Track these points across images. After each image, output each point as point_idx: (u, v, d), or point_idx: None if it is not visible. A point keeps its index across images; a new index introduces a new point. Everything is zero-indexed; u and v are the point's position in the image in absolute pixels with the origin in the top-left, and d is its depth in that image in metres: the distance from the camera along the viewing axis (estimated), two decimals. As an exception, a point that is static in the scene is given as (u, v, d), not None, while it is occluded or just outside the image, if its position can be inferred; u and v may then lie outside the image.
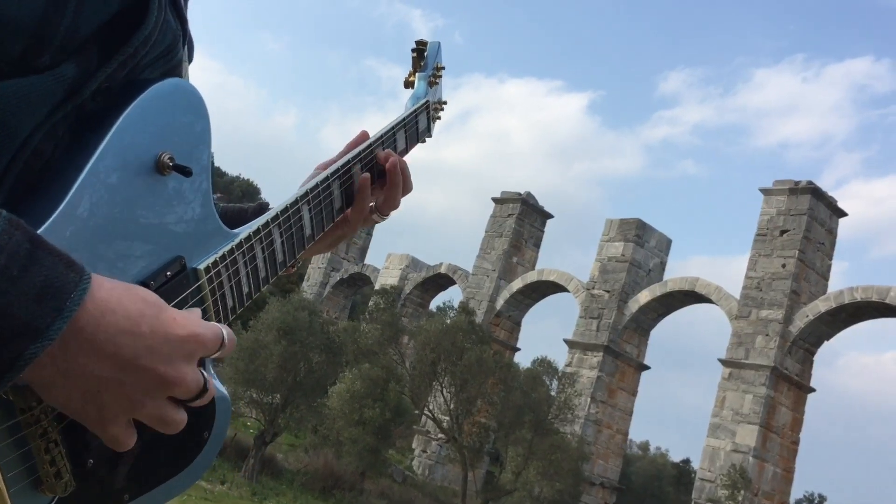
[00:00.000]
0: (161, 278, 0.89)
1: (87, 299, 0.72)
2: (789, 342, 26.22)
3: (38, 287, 0.68)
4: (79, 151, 0.82)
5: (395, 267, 41.43)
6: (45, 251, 0.70)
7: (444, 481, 31.55)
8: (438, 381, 25.72)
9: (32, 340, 0.68)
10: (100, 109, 0.85)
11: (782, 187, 28.07)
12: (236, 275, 1.02)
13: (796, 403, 26.69)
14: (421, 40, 1.57)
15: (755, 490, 24.69)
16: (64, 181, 0.80)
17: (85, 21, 0.80)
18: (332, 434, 24.37)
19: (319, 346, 24.58)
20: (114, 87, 0.86)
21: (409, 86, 1.57)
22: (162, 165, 0.87)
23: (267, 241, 1.08)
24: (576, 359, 30.84)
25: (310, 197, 1.19)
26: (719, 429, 26.05)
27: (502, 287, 35.15)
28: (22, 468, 0.78)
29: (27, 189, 0.80)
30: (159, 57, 0.93)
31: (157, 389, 0.77)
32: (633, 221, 32.32)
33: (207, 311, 0.97)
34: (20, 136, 0.78)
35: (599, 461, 29.92)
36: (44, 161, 0.81)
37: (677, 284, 30.41)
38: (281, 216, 1.11)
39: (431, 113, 1.59)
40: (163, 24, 0.90)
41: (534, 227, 36.93)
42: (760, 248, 27.84)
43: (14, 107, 0.76)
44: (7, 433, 0.76)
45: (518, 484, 24.05)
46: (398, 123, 1.45)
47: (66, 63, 0.80)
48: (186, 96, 0.92)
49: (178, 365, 0.78)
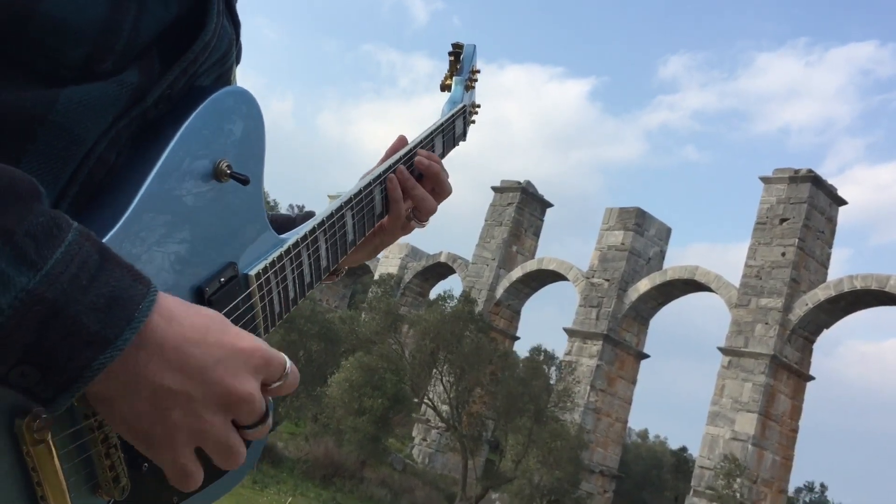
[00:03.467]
0: (215, 284, 0.90)
1: (154, 310, 0.72)
2: (789, 330, 26.29)
3: (106, 298, 0.68)
4: (141, 159, 0.82)
5: (395, 256, 41.46)
6: (113, 263, 0.70)
7: (444, 469, 31.67)
8: (438, 369, 25.79)
9: (101, 350, 0.68)
10: (161, 117, 0.86)
11: (782, 175, 28.08)
12: (284, 280, 1.02)
13: (796, 392, 26.79)
14: (457, 43, 1.57)
15: (754, 478, 24.81)
16: (127, 190, 0.80)
17: (146, 27, 0.80)
18: (332, 422, 24.47)
19: (318, 335, 24.62)
20: (174, 94, 0.86)
21: (445, 89, 1.57)
22: (220, 173, 0.87)
23: (313, 247, 1.09)
24: (575, 347, 30.91)
25: (353, 203, 1.20)
26: (718, 417, 26.15)
27: (502, 276, 35.19)
28: (83, 473, 0.79)
29: (90, 197, 0.81)
30: (215, 63, 0.93)
31: (225, 404, 0.75)
32: (632, 210, 32.33)
33: (256, 317, 0.98)
34: (86, 145, 0.78)
35: (599, 449, 30.04)
36: (107, 169, 0.82)
37: (677, 273, 30.46)
38: (326, 222, 1.12)
39: (467, 117, 1.59)
40: (221, 31, 0.91)
41: (533, 215, 36.94)
42: (760, 237, 27.88)
43: (79, 114, 0.76)
44: (71, 439, 0.77)
45: (518, 472, 24.17)
46: (436, 129, 1.45)
47: (130, 69, 0.80)
48: (245, 104, 0.92)
49: (246, 379, 0.76)
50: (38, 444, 0.72)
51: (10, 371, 0.66)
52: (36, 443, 0.72)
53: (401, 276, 40.26)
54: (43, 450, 0.72)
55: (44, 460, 0.73)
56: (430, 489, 26.33)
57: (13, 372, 0.66)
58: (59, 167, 0.77)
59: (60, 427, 0.75)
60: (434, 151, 1.43)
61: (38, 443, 0.72)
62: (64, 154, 0.76)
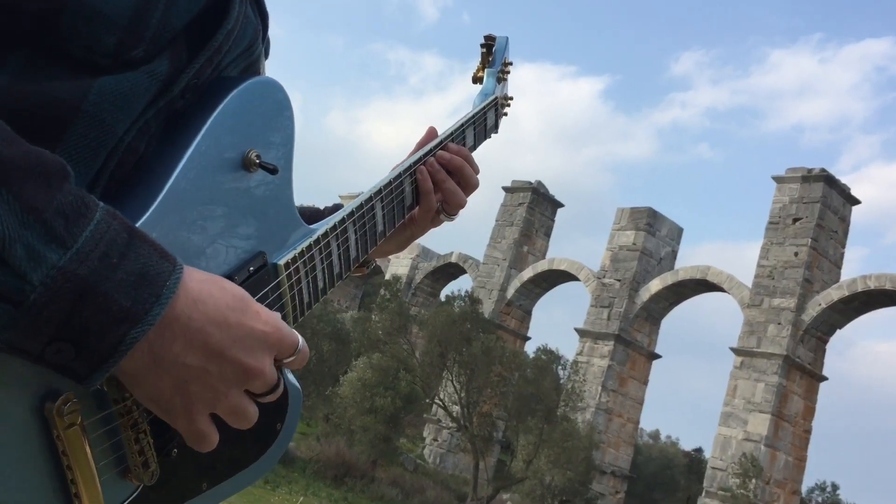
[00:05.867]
0: (244, 273, 0.91)
1: (180, 288, 0.73)
2: (802, 331, 26.15)
3: (136, 274, 0.70)
4: (170, 149, 0.83)
5: (406, 256, 41.46)
6: (140, 240, 0.72)
7: (455, 470, 31.66)
8: (448, 370, 25.78)
9: (133, 325, 0.69)
10: (189, 106, 0.86)
11: (795, 175, 27.94)
12: (313, 270, 1.03)
13: (808, 392, 26.64)
14: (490, 35, 1.56)
15: (767, 479, 24.69)
16: (157, 179, 0.81)
17: (176, 14, 0.82)
18: (343, 423, 24.50)
19: (330, 336, 24.65)
20: (201, 84, 0.87)
21: (477, 81, 1.56)
22: (249, 163, 0.88)
23: (342, 238, 1.09)
24: (587, 347, 30.84)
25: (383, 194, 1.19)
26: (731, 417, 26.04)
27: (513, 276, 35.15)
28: (112, 458, 0.80)
29: (120, 185, 0.82)
30: (241, 53, 0.94)
31: (239, 380, 0.79)
32: (644, 210, 32.23)
33: (286, 307, 0.98)
34: (117, 135, 0.80)
35: (610, 450, 29.97)
36: (136, 158, 0.83)
37: (689, 273, 30.35)
38: (356, 213, 1.12)
39: (499, 109, 1.58)
40: (244, 19, 0.91)
41: (544, 215, 36.88)
42: (773, 237, 27.74)
43: (111, 104, 0.78)
44: (100, 423, 0.78)
45: (529, 472, 24.12)
46: (468, 120, 1.44)
47: (160, 59, 0.81)
48: (274, 94, 0.93)
49: (260, 357, 0.79)
50: (69, 428, 0.72)
51: (46, 348, 0.67)
52: (66, 426, 0.72)
53: (412, 276, 40.26)
54: (73, 434, 0.73)
55: (74, 444, 0.73)
56: (441, 489, 26.29)
57: (49, 349, 0.67)
58: (91, 156, 0.78)
59: (90, 412, 0.76)
60: (465, 143, 1.42)
61: (69, 427, 0.72)
62: (95, 143, 0.78)
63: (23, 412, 0.70)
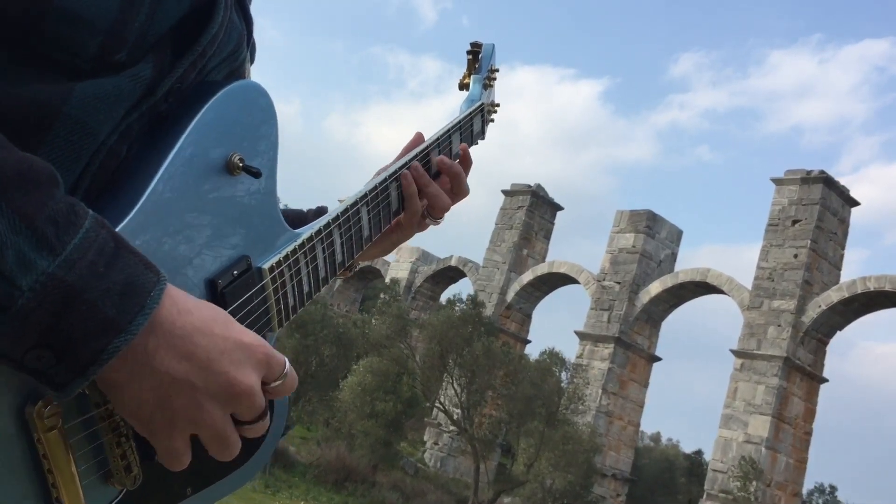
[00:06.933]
0: (228, 277, 0.90)
1: (165, 297, 0.73)
2: (802, 332, 26.13)
3: (121, 284, 0.70)
4: (152, 152, 0.83)
5: (406, 260, 41.45)
6: (126, 251, 0.72)
7: (456, 473, 31.61)
8: (448, 373, 25.76)
9: (116, 334, 0.69)
10: (172, 110, 0.86)
11: (794, 177, 27.93)
12: (298, 274, 1.03)
13: (809, 394, 26.61)
14: (476, 42, 1.58)
15: (768, 481, 24.65)
16: (138, 182, 0.81)
17: (160, 18, 0.82)
18: (344, 427, 24.48)
19: (331, 340, 24.64)
20: (185, 88, 0.87)
21: (463, 88, 1.58)
22: (232, 166, 0.88)
23: (328, 242, 1.10)
24: (587, 350, 30.81)
25: (368, 198, 1.20)
26: (731, 420, 26.01)
27: (513, 279, 35.13)
28: (94, 462, 0.79)
29: (101, 189, 0.82)
30: (226, 58, 0.94)
31: (225, 396, 0.77)
32: (643, 213, 32.23)
33: (270, 310, 0.98)
34: (99, 138, 0.80)
35: (611, 453, 29.92)
36: (118, 161, 0.83)
37: (689, 275, 30.33)
38: (341, 217, 1.13)
39: (485, 116, 1.59)
40: (228, 24, 0.91)
41: (544, 218, 36.88)
42: (772, 239, 27.73)
43: (93, 107, 0.78)
44: (81, 427, 0.78)
45: (530, 475, 24.09)
46: (453, 126, 1.45)
47: (143, 63, 0.82)
48: (257, 98, 0.93)
49: (248, 373, 0.78)
50: (50, 431, 0.72)
51: (26, 354, 0.67)
52: (48, 429, 0.72)
53: (411, 280, 40.23)
54: (54, 437, 0.73)
55: (55, 447, 0.73)
56: (441, 493, 26.26)
57: (29, 355, 0.67)
58: (73, 160, 0.78)
59: (72, 415, 0.76)
60: (452, 149, 1.42)
61: (50, 429, 0.72)
62: (78, 147, 0.78)
63: (3, 415, 0.70)
